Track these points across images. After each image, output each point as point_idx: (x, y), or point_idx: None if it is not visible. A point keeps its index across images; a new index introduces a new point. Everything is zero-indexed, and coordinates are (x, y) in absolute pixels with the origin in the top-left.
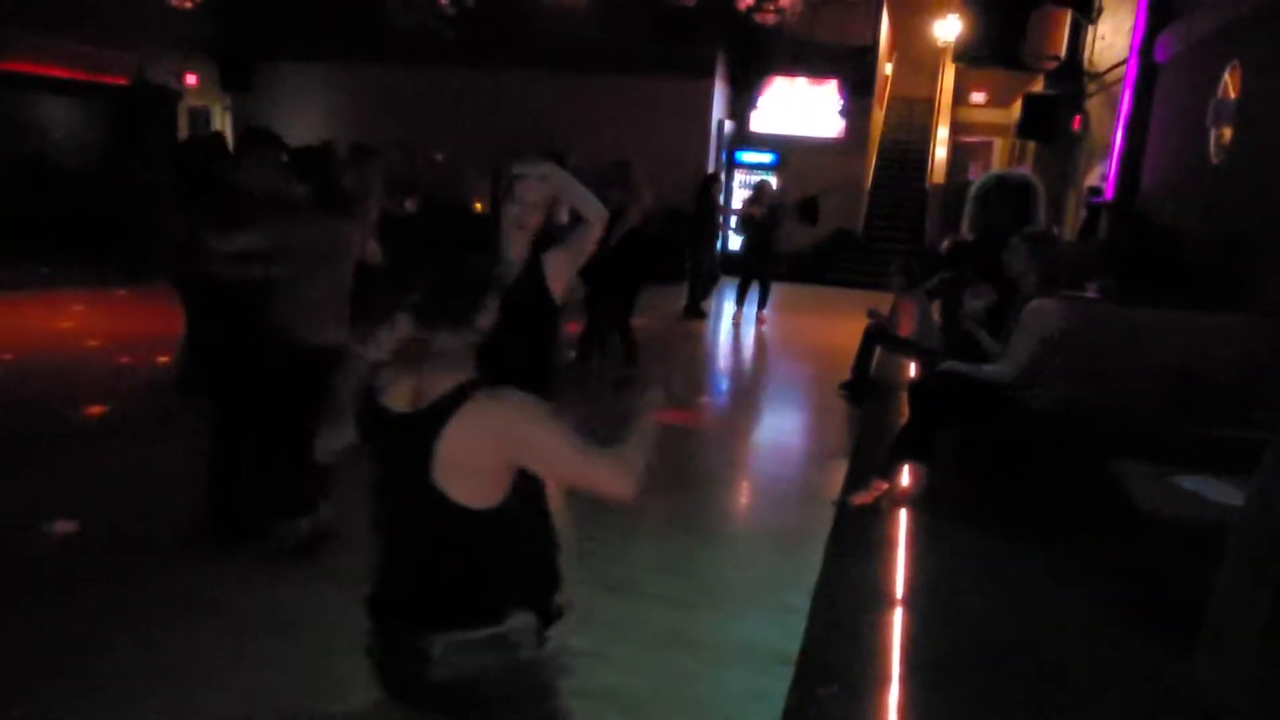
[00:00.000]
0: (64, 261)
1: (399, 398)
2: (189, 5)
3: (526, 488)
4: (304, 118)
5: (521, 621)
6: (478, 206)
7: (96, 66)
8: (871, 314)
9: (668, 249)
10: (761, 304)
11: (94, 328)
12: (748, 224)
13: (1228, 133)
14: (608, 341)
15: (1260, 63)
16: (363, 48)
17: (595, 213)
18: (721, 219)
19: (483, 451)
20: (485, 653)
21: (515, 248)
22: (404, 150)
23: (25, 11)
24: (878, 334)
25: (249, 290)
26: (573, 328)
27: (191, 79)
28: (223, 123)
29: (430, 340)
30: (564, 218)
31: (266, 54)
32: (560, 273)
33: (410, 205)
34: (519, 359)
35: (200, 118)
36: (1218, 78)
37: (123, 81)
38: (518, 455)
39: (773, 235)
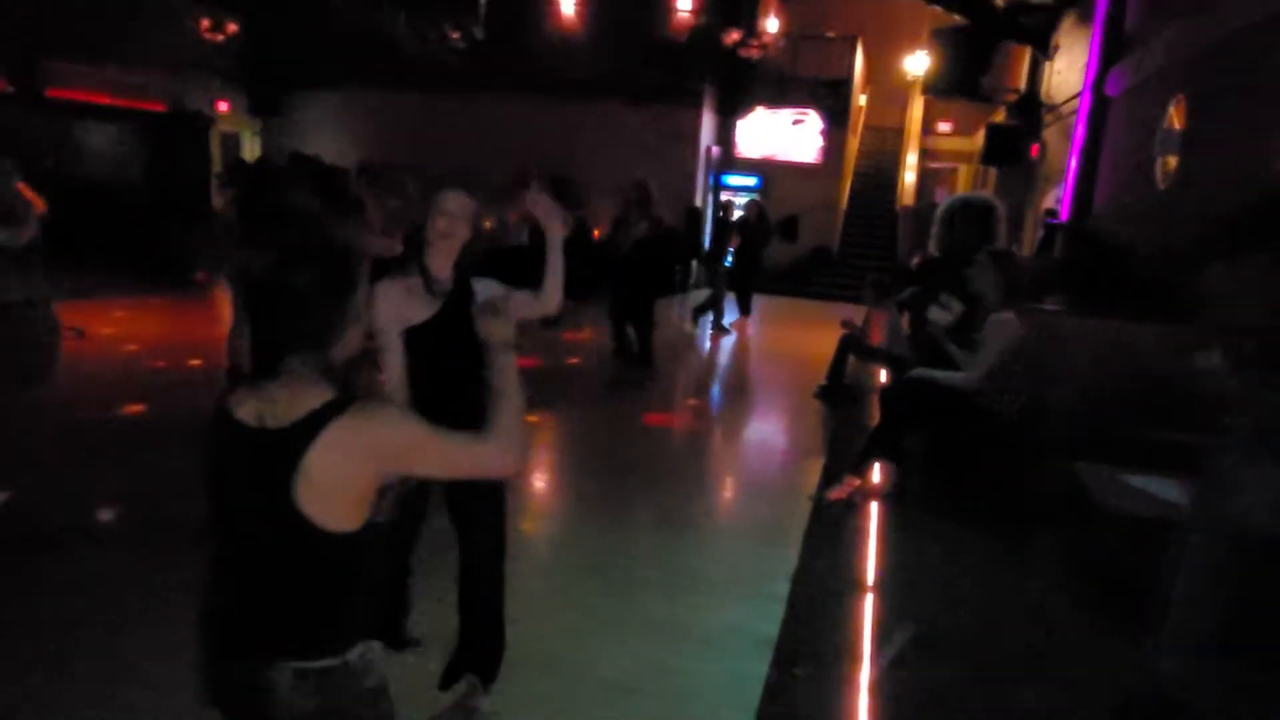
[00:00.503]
0: (107, 271)
1: (253, 413)
2: (221, 38)
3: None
4: (325, 141)
5: (367, 650)
6: (486, 224)
7: (136, 94)
8: (846, 324)
9: (668, 264)
10: (744, 312)
11: (134, 332)
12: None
13: (1172, 160)
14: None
15: (1203, 96)
16: (378, 77)
17: (554, 301)
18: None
19: (354, 470)
20: (329, 683)
21: (438, 259)
22: (397, 173)
23: (71, 43)
24: (852, 343)
25: None
26: (568, 336)
27: (223, 106)
28: (251, 146)
29: (285, 359)
30: (524, 238)
31: (292, 83)
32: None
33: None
34: (441, 378)
35: (231, 142)
36: (1164, 110)
37: (160, 108)
38: (396, 465)
39: (758, 250)
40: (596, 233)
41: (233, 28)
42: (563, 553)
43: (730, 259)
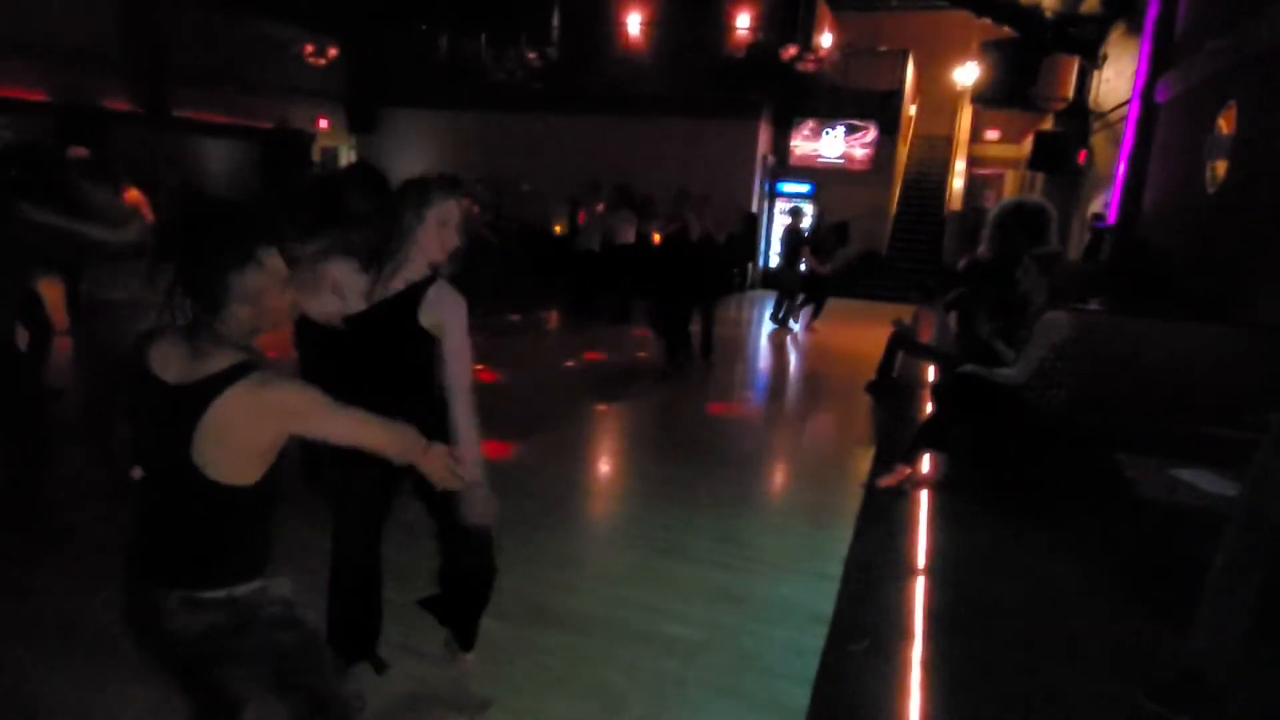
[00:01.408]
0: None
1: (167, 367)
2: (322, 62)
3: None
4: (413, 154)
5: (259, 587)
6: (557, 229)
7: (247, 113)
8: (896, 323)
9: (724, 266)
10: (815, 315)
11: None
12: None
13: (1222, 166)
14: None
15: (1255, 102)
16: (462, 96)
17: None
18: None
19: (251, 429)
20: (216, 612)
21: (413, 265)
22: (490, 183)
23: (193, 70)
24: (901, 340)
25: None
26: (637, 333)
27: (323, 123)
28: (348, 159)
29: (193, 320)
30: (594, 244)
31: (385, 101)
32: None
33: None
34: (377, 371)
35: (330, 155)
36: (1214, 116)
37: (268, 125)
38: (293, 426)
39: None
40: (657, 238)
41: (333, 52)
42: (633, 528)
43: (804, 266)
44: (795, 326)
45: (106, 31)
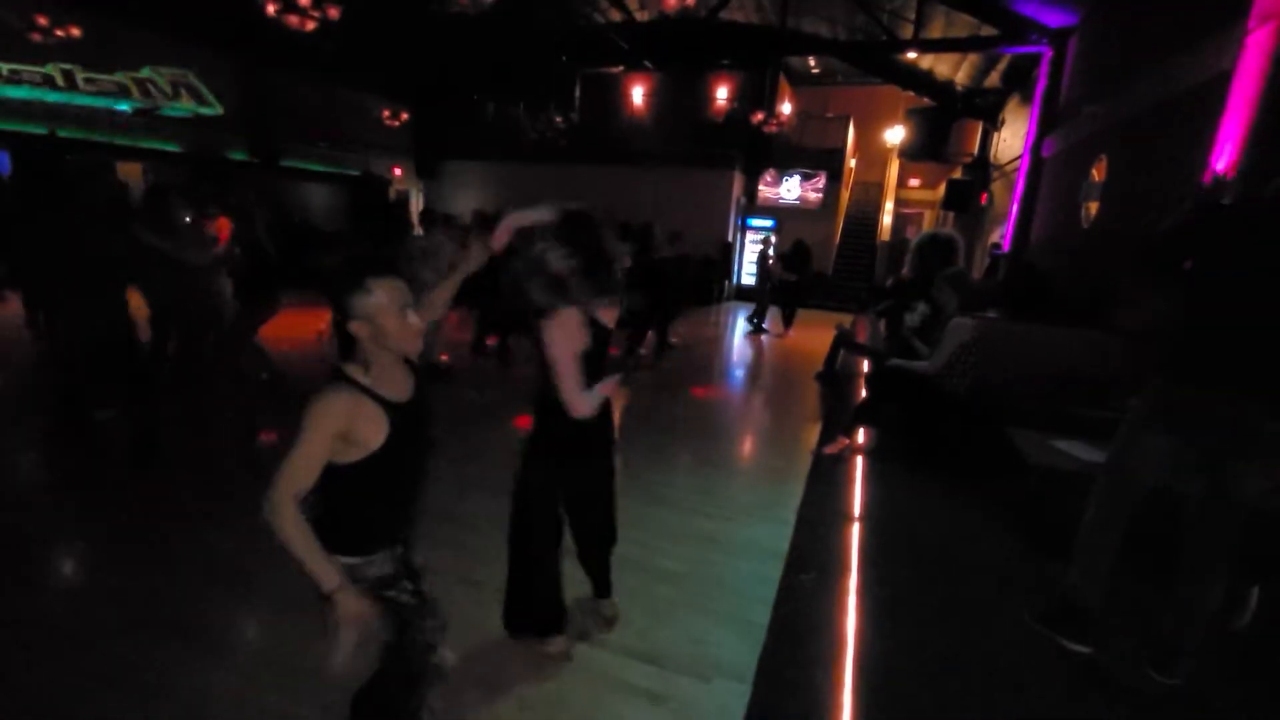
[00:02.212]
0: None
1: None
2: (396, 123)
3: (395, 444)
4: (467, 197)
5: (358, 564)
6: None
7: (339, 163)
8: (838, 328)
9: (703, 282)
10: (788, 323)
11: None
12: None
13: (1094, 206)
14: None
15: (1120, 156)
16: (504, 150)
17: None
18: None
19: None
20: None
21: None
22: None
23: (295, 127)
24: (842, 340)
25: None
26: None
27: (397, 171)
28: (416, 201)
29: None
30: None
31: (444, 154)
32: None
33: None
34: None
35: (402, 197)
36: (1089, 167)
37: (355, 173)
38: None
39: (802, 276)
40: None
41: (404, 116)
42: (630, 487)
43: (777, 283)
44: (766, 329)
45: (231, 97)
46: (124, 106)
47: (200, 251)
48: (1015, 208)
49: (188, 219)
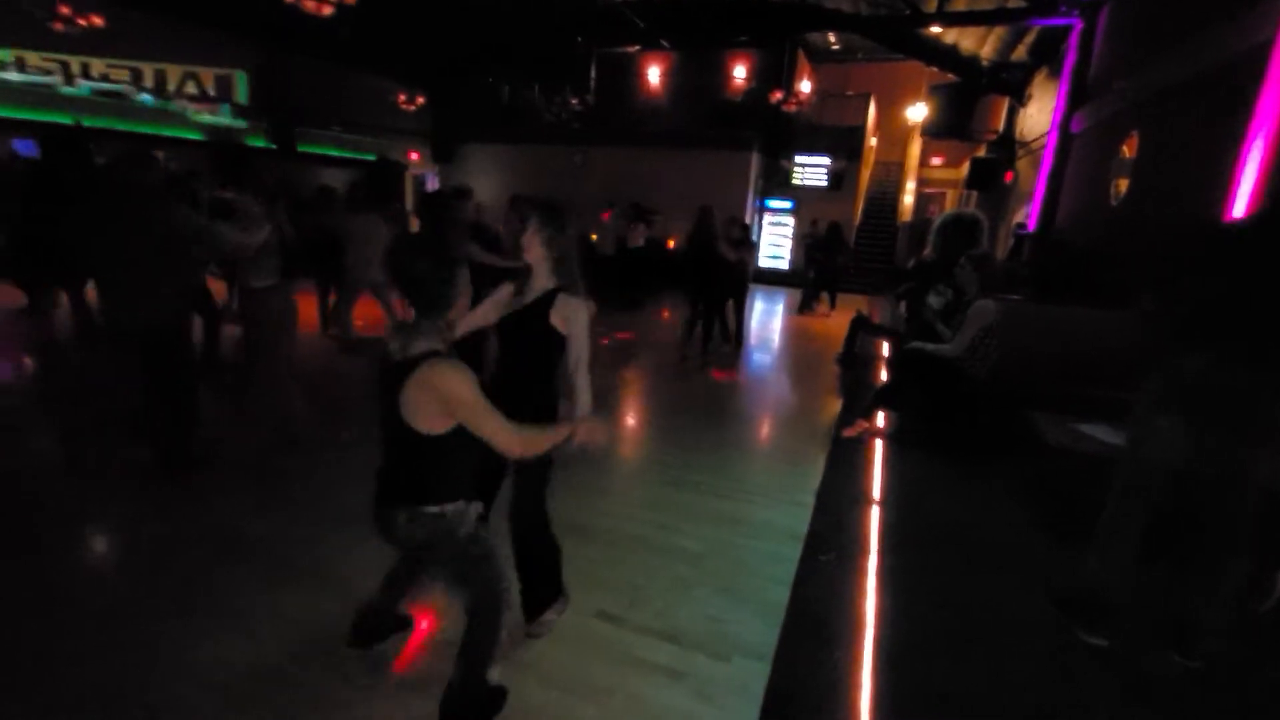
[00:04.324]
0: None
1: (395, 350)
2: (412, 107)
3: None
4: (484, 180)
5: (462, 508)
6: (593, 237)
7: (356, 148)
8: (857, 313)
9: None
10: (831, 304)
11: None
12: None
13: (1123, 183)
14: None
15: (1153, 131)
16: (521, 133)
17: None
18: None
19: (424, 399)
20: (431, 523)
21: (537, 278)
22: (527, 203)
23: (313, 113)
24: (860, 324)
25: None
26: (665, 314)
27: (414, 155)
28: (432, 184)
29: (416, 317)
30: (610, 250)
31: (461, 138)
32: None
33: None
34: (516, 367)
35: (419, 181)
36: (1119, 143)
37: (372, 158)
38: (452, 410)
39: (834, 259)
40: (670, 243)
41: (420, 100)
42: (651, 468)
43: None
44: (814, 309)
45: (248, 84)
46: (146, 99)
47: (247, 233)
48: (1042, 186)
49: (237, 200)
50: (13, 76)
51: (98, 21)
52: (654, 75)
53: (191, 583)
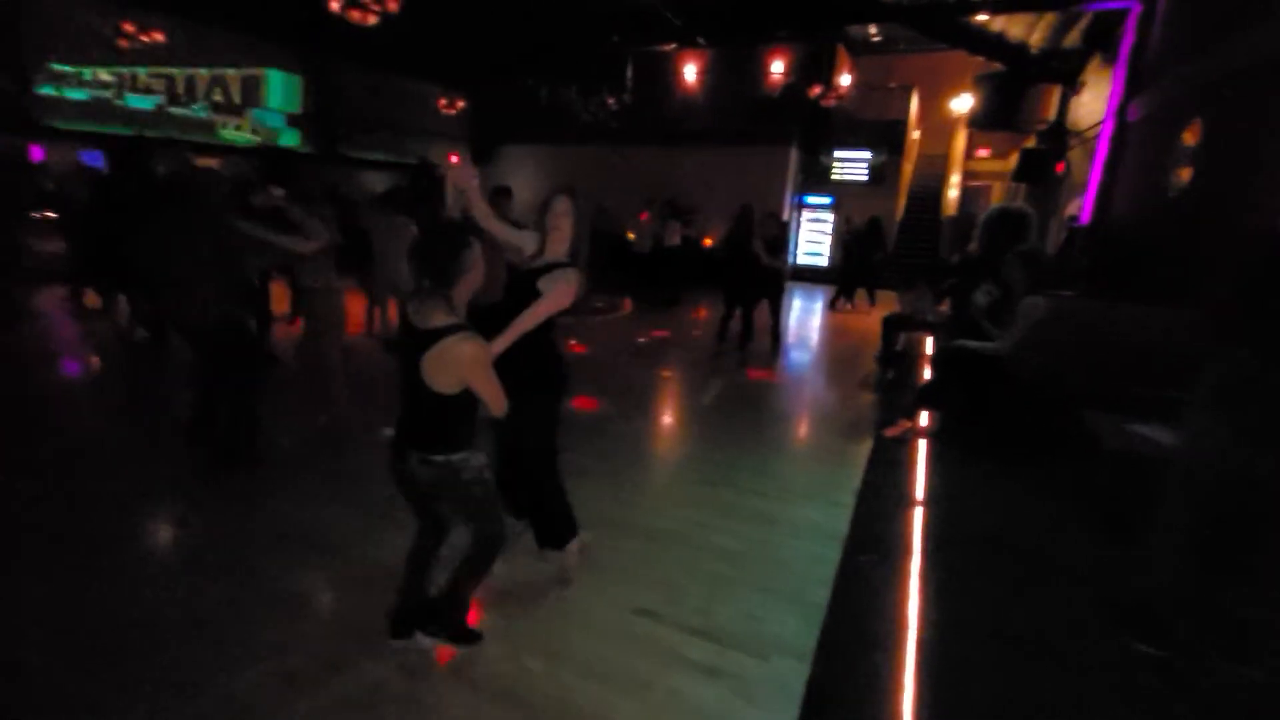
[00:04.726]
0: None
1: (418, 319)
2: (453, 110)
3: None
4: (521, 181)
5: (468, 457)
6: (630, 235)
7: (396, 152)
8: (889, 314)
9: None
10: (870, 299)
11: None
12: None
13: (1185, 172)
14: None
15: (1217, 118)
16: (558, 134)
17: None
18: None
19: (445, 368)
20: (437, 467)
21: (552, 247)
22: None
23: (357, 119)
24: (893, 320)
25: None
26: (693, 314)
27: (454, 158)
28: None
29: (433, 291)
30: (647, 247)
31: (500, 139)
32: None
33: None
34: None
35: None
36: (1180, 131)
37: (412, 160)
38: (465, 376)
39: (868, 255)
40: (707, 241)
41: (460, 103)
42: (688, 466)
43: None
44: (849, 305)
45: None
46: (199, 111)
47: (305, 242)
48: (1096, 177)
49: (294, 210)
50: (78, 94)
51: (159, 37)
52: (690, 73)
53: (253, 574)
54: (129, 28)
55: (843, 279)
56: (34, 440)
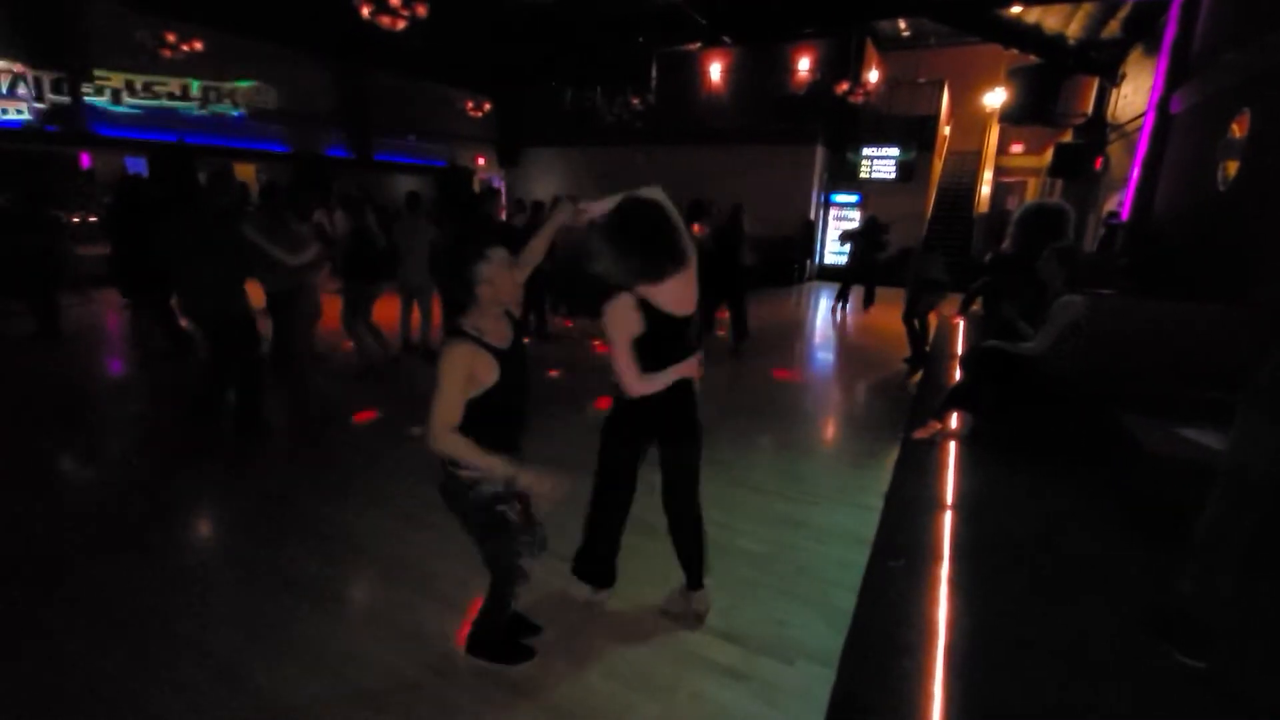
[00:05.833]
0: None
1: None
2: (479, 114)
3: (504, 380)
4: (547, 182)
5: (472, 477)
6: None
7: (426, 154)
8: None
9: (783, 262)
10: (868, 301)
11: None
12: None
13: (1233, 166)
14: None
15: (1269, 108)
16: (582, 135)
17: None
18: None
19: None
20: (444, 475)
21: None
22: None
23: (387, 124)
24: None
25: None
26: (723, 313)
27: (481, 160)
28: (502, 186)
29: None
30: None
31: (525, 141)
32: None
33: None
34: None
35: (485, 184)
36: (1227, 122)
37: (441, 163)
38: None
39: (872, 255)
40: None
41: (487, 106)
42: (713, 466)
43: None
44: (847, 308)
45: (330, 99)
46: (236, 113)
47: (293, 253)
48: (1137, 171)
49: (293, 223)
50: (123, 107)
51: (199, 46)
52: (715, 72)
53: (282, 571)
54: (171, 37)
55: (842, 281)
56: (61, 447)
